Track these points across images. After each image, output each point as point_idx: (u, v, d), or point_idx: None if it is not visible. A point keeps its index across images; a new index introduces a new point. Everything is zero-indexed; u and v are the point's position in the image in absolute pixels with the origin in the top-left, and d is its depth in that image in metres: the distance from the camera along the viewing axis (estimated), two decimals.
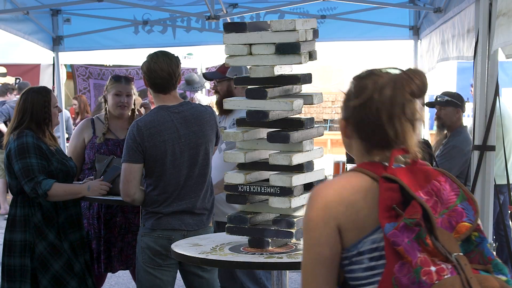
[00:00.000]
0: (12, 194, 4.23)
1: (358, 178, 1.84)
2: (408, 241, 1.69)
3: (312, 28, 3.09)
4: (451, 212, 1.80)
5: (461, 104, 5.19)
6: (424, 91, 1.89)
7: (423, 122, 1.87)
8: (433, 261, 1.68)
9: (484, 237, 1.80)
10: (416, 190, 1.78)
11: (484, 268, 1.76)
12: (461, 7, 4.71)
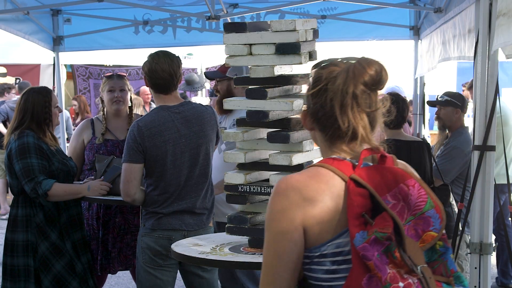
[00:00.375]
0: (13, 194, 4.23)
1: (326, 176, 1.79)
2: (378, 254, 1.67)
3: (312, 28, 3.09)
4: (417, 220, 1.76)
5: (461, 104, 5.19)
6: (379, 82, 1.84)
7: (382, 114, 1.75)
8: (401, 276, 1.67)
9: (448, 247, 1.78)
10: (384, 193, 1.74)
11: (447, 280, 1.76)
12: (462, 7, 4.71)
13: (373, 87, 1.84)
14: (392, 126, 4.62)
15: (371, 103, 1.84)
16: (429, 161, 4.61)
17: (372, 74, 1.83)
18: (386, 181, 1.76)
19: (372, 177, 1.76)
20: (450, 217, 4.61)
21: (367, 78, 1.82)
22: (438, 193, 4.61)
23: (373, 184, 1.74)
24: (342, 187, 1.76)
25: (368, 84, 1.83)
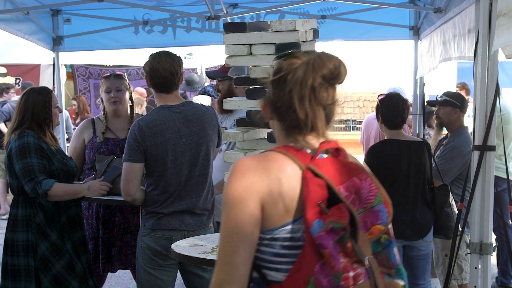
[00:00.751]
0: (13, 194, 4.23)
1: (284, 162, 1.84)
2: (332, 244, 1.73)
3: (312, 28, 3.09)
4: (367, 213, 1.82)
5: (461, 104, 5.19)
6: (337, 77, 1.89)
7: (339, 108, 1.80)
8: (351, 265, 1.75)
9: (392, 241, 1.85)
10: (337, 185, 1.80)
11: (388, 272, 1.83)
12: (462, 7, 4.71)
13: (332, 81, 1.89)
14: (391, 126, 4.62)
15: (328, 97, 1.89)
16: (429, 161, 4.61)
17: (331, 68, 1.88)
18: (340, 173, 1.82)
19: (327, 168, 1.82)
20: (450, 217, 4.61)
21: (326, 71, 1.87)
22: (437, 193, 4.61)
23: (328, 176, 1.80)
24: (299, 175, 1.81)
25: (327, 77, 1.87)
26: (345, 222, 1.75)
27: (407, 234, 4.47)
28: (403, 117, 4.61)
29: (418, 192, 4.52)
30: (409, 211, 4.48)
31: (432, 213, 4.58)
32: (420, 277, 4.63)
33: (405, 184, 4.49)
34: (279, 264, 1.79)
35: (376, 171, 4.48)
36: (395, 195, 4.47)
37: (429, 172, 4.60)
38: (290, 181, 1.80)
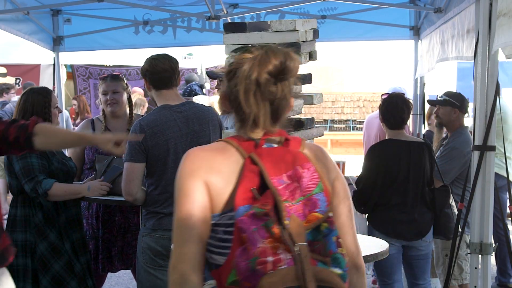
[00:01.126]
0: (13, 194, 4.23)
1: (229, 152, 1.93)
2: (255, 228, 1.79)
3: (312, 28, 3.09)
4: (306, 201, 1.86)
5: (460, 104, 5.19)
6: (284, 72, 1.91)
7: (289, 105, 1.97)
8: (274, 251, 1.79)
9: (333, 230, 1.88)
10: (280, 174, 1.85)
11: (323, 260, 1.85)
12: (461, 7, 4.71)
13: (279, 76, 1.91)
14: (390, 126, 4.61)
15: (276, 92, 1.91)
16: (429, 161, 4.60)
17: (276, 64, 1.90)
18: (285, 162, 1.88)
19: (271, 157, 1.88)
20: (449, 218, 4.60)
21: (271, 67, 1.89)
22: (437, 194, 4.60)
23: (270, 164, 1.86)
24: (241, 163, 1.89)
25: (272, 73, 1.90)
26: (267, 208, 1.80)
27: (406, 234, 4.47)
28: (402, 117, 4.60)
29: (418, 192, 4.52)
30: (408, 211, 4.48)
31: (432, 213, 4.57)
32: (420, 277, 4.63)
33: (405, 185, 4.49)
34: (222, 248, 1.85)
35: (375, 171, 4.51)
36: (395, 195, 4.47)
37: (429, 173, 4.59)
38: (232, 169, 1.89)
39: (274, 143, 1.94)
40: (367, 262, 4.08)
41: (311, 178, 1.88)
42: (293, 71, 1.93)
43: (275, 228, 1.80)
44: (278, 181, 1.84)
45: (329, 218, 1.87)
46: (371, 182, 4.50)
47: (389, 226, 4.47)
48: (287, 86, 1.94)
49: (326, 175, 1.96)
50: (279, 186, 1.84)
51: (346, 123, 18.04)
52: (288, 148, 1.93)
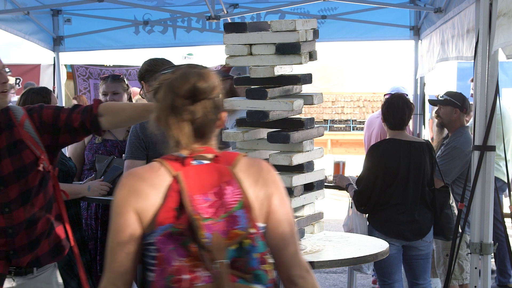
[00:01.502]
0: None
1: (158, 171, 1.97)
2: (173, 247, 1.83)
3: (312, 28, 3.09)
4: (228, 218, 1.86)
5: (461, 104, 5.19)
6: (197, 95, 1.94)
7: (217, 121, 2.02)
8: (191, 269, 1.83)
9: (255, 246, 1.88)
10: (205, 191, 1.88)
11: (244, 276, 1.86)
12: (461, 7, 4.71)
13: (194, 98, 1.94)
14: (391, 126, 4.61)
15: (195, 113, 1.94)
16: (430, 162, 4.59)
17: (186, 88, 1.94)
18: (212, 179, 1.91)
19: (198, 174, 1.92)
20: (449, 218, 4.59)
21: (183, 92, 1.93)
22: (437, 194, 4.59)
23: (196, 182, 1.89)
24: (169, 182, 1.92)
25: (186, 96, 1.94)
26: (182, 227, 1.83)
27: (406, 234, 4.47)
28: (403, 118, 4.59)
29: (418, 192, 4.51)
30: (408, 211, 4.47)
31: (432, 213, 4.57)
32: (419, 277, 4.63)
33: (404, 184, 4.48)
34: (152, 266, 1.90)
35: (375, 170, 4.51)
36: (395, 195, 4.47)
37: (430, 173, 4.59)
38: (160, 190, 1.91)
39: (205, 159, 1.96)
40: (367, 262, 4.08)
41: (233, 194, 1.89)
42: (208, 91, 1.95)
43: (192, 247, 1.83)
44: (204, 198, 1.87)
45: (250, 235, 1.87)
46: (371, 182, 4.50)
47: (389, 226, 4.47)
48: (209, 105, 1.96)
49: (258, 191, 1.95)
50: (204, 203, 1.86)
51: (346, 123, 18.05)
52: (217, 164, 1.95)
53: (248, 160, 2.01)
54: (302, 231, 3.12)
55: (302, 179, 3.09)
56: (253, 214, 1.89)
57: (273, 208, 1.97)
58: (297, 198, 3.06)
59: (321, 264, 3.00)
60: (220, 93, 2.01)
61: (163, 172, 1.95)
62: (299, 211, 3.13)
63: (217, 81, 1.99)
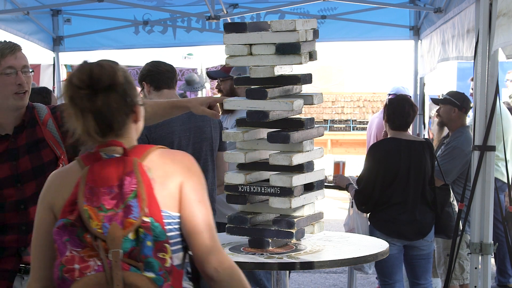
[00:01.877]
0: None
1: (73, 168, 2.05)
2: (67, 238, 1.92)
3: (312, 28, 3.09)
4: (125, 208, 1.93)
5: (460, 103, 5.19)
6: (93, 84, 1.97)
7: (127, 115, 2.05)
8: (82, 258, 1.90)
9: (148, 234, 1.92)
10: (110, 184, 1.95)
11: (136, 265, 1.90)
12: (461, 7, 4.72)
13: (92, 88, 1.97)
14: (394, 127, 4.61)
15: (94, 104, 1.97)
16: (430, 161, 4.60)
17: (80, 77, 1.97)
18: (117, 171, 1.97)
19: (105, 168, 1.98)
20: (451, 217, 4.60)
21: (77, 81, 1.97)
22: (438, 193, 4.60)
23: (101, 175, 1.96)
24: (78, 177, 2.00)
25: (81, 86, 1.97)
26: (72, 218, 1.92)
27: (408, 234, 4.47)
28: (407, 120, 4.61)
29: (418, 191, 4.51)
30: (409, 211, 4.48)
31: (433, 213, 4.57)
32: (421, 277, 4.63)
33: (405, 183, 4.49)
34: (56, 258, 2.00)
35: (375, 169, 4.51)
36: (395, 194, 4.47)
37: (430, 172, 4.59)
38: (71, 185, 1.99)
39: (117, 153, 2.01)
40: (367, 262, 4.08)
41: (129, 185, 1.94)
42: (104, 81, 1.97)
43: (87, 237, 1.90)
44: (109, 190, 1.94)
45: (144, 223, 1.91)
46: (371, 181, 4.50)
47: (391, 226, 4.47)
48: (115, 97, 1.99)
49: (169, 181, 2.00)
50: (108, 195, 1.94)
51: (346, 123, 18.04)
52: (126, 157, 1.99)
53: (161, 152, 2.07)
54: (302, 231, 3.12)
55: (302, 179, 3.09)
56: (145, 204, 1.93)
57: (184, 197, 2.01)
58: (297, 198, 3.06)
59: (321, 264, 3.00)
60: (128, 86, 2.03)
61: (76, 168, 2.03)
62: (299, 211, 3.13)
63: (120, 74, 2.01)
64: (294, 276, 6.66)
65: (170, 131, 3.84)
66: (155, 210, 1.94)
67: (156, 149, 2.06)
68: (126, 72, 2.07)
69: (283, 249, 3.15)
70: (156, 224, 1.92)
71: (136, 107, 2.06)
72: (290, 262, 2.97)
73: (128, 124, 2.06)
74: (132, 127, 2.08)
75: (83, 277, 1.88)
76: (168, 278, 1.91)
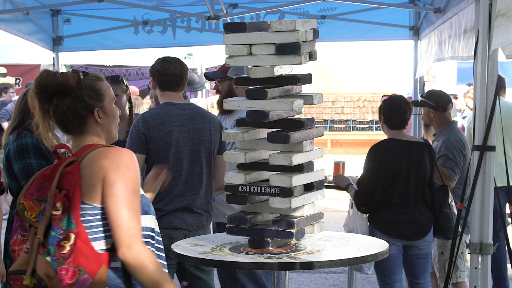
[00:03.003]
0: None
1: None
2: (19, 224, 2.37)
3: (312, 28, 3.09)
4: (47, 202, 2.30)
5: (436, 104, 5.14)
6: (46, 89, 2.36)
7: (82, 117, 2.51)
8: (23, 242, 2.35)
9: (52, 226, 2.28)
10: (50, 180, 2.33)
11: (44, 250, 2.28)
12: (461, 7, 4.72)
13: (46, 91, 2.36)
14: (392, 126, 4.61)
15: (52, 106, 2.40)
16: (429, 161, 4.59)
17: (38, 81, 2.37)
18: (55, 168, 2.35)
19: (54, 166, 2.37)
20: (449, 218, 4.58)
21: (36, 85, 2.38)
22: (437, 194, 4.57)
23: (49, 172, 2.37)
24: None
25: (38, 89, 2.37)
26: (17, 208, 2.35)
27: (408, 234, 4.47)
28: (404, 118, 4.60)
29: (419, 192, 4.51)
30: (409, 211, 4.47)
31: (432, 213, 4.57)
32: (420, 276, 4.62)
33: (406, 184, 4.48)
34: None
35: (376, 170, 4.50)
36: (396, 195, 4.46)
37: (430, 173, 4.59)
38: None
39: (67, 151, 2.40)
40: (367, 262, 4.08)
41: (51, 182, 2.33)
42: (54, 86, 2.35)
43: (26, 224, 2.34)
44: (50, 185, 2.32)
45: (53, 216, 2.27)
46: (372, 182, 4.50)
47: (391, 226, 4.47)
48: (67, 101, 2.39)
49: (94, 176, 2.31)
50: (48, 190, 2.32)
51: (346, 123, 18.04)
52: (68, 158, 2.37)
53: (101, 150, 2.38)
54: (302, 231, 3.12)
55: (302, 179, 3.09)
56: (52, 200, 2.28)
57: (104, 192, 2.31)
58: (297, 198, 3.06)
59: (321, 264, 3.00)
60: (86, 92, 2.40)
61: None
62: (299, 211, 3.13)
63: (72, 81, 2.37)
64: (294, 276, 6.66)
65: (168, 130, 3.84)
66: (73, 204, 2.28)
67: (96, 148, 2.38)
68: (91, 80, 2.43)
69: (283, 249, 3.15)
70: (68, 216, 2.27)
71: (95, 110, 2.42)
72: (290, 262, 2.96)
73: (87, 124, 2.44)
74: (93, 127, 2.45)
75: (19, 257, 2.32)
76: (63, 263, 2.26)
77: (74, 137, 2.48)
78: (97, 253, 2.31)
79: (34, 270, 2.26)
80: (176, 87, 3.98)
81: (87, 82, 2.43)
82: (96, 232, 2.33)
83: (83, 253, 2.28)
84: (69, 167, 2.33)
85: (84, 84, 2.41)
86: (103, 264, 2.31)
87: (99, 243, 2.33)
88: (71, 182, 2.31)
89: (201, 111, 4.04)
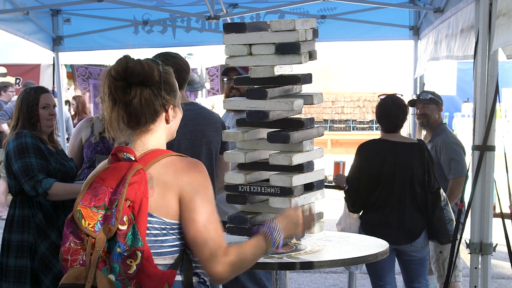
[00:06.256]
0: (12, 194, 4.23)
1: (103, 164, 2.28)
2: (72, 231, 2.14)
3: (312, 28, 3.09)
4: (110, 213, 2.10)
5: (441, 102, 5.20)
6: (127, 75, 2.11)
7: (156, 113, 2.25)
8: (76, 251, 2.13)
9: (117, 241, 2.08)
10: (109, 185, 2.13)
11: (106, 267, 2.09)
12: (460, 7, 4.72)
13: (127, 81, 2.11)
14: (384, 130, 4.54)
15: (126, 96, 2.13)
16: (421, 162, 4.45)
17: (116, 69, 2.11)
18: (119, 175, 2.15)
19: (113, 169, 2.17)
20: (442, 221, 4.44)
21: (113, 73, 2.12)
22: (429, 196, 4.45)
23: (107, 175, 2.16)
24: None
25: (117, 78, 2.11)
26: (71, 216, 2.14)
27: (394, 237, 4.24)
28: (396, 123, 4.45)
29: (405, 194, 4.37)
30: (396, 214, 4.35)
31: (424, 218, 4.46)
32: (414, 280, 4.53)
33: (390, 185, 4.36)
34: None
35: (359, 169, 4.45)
36: (380, 197, 4.37)
37: (422, 174, 4.45)
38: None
39: (132, 156, 2.17)
40: (367, 262, 4.07)
41: (118, 193, 2.11)
42: (139, 75, 2.10)
43: (81, 234, 2.12)
44: (108, 190, 2.13)
45: (119, 231, 2.07)
46: (355, 181, 4.44)
47: (376, 228, 4.30)
48: (147, 93, 2.13)
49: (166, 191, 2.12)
50: (106, 195, 2.12)
51: (346, 123, 18.03)
52: (133, 162, 2.15)
53: (171, 160, 2.16)
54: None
55: (302, 179, 3.09)
56: (120, 214, 2.07)
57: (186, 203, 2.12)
58: (297, 198, 3.06)
59: (321, 264, 3.00)
60: (164, 87, 2.15)
61: (104, 164, 2.25)
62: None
63: (157, 73, 2.13)
64: (294, 276, 6.66)
65: None
66: (140, 218, 2.07)
67: (166, 157, 2.15)
68: (168, 74, 2.17)
69: (283, 249, 3.15)
70: (133, 230, 2.07)
71: (169, 107, 2.17)
72: (290, 262, 2.96)
73: (157, 122, 2.19)
74: (161, 126, 2.21)
75: (72, 268, 2.13)
76: (128, 284, 2.07)
77: (137, 134, 2.22)
78: (161, 272, 2.11)
79: (94, 286, 2.09)
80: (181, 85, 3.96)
81: (164, 75, 2.18)
82: (162, 247, 2.14)
83: (147, 272, 2.09)
84: (136, 177, 2.11)
85: (163, 78, 2.16)
86: (165, 283, 2.12)
87: (163, 259, 2.15)
88: (137, 193, 2.09)
89: (203, 111, 4.00)
